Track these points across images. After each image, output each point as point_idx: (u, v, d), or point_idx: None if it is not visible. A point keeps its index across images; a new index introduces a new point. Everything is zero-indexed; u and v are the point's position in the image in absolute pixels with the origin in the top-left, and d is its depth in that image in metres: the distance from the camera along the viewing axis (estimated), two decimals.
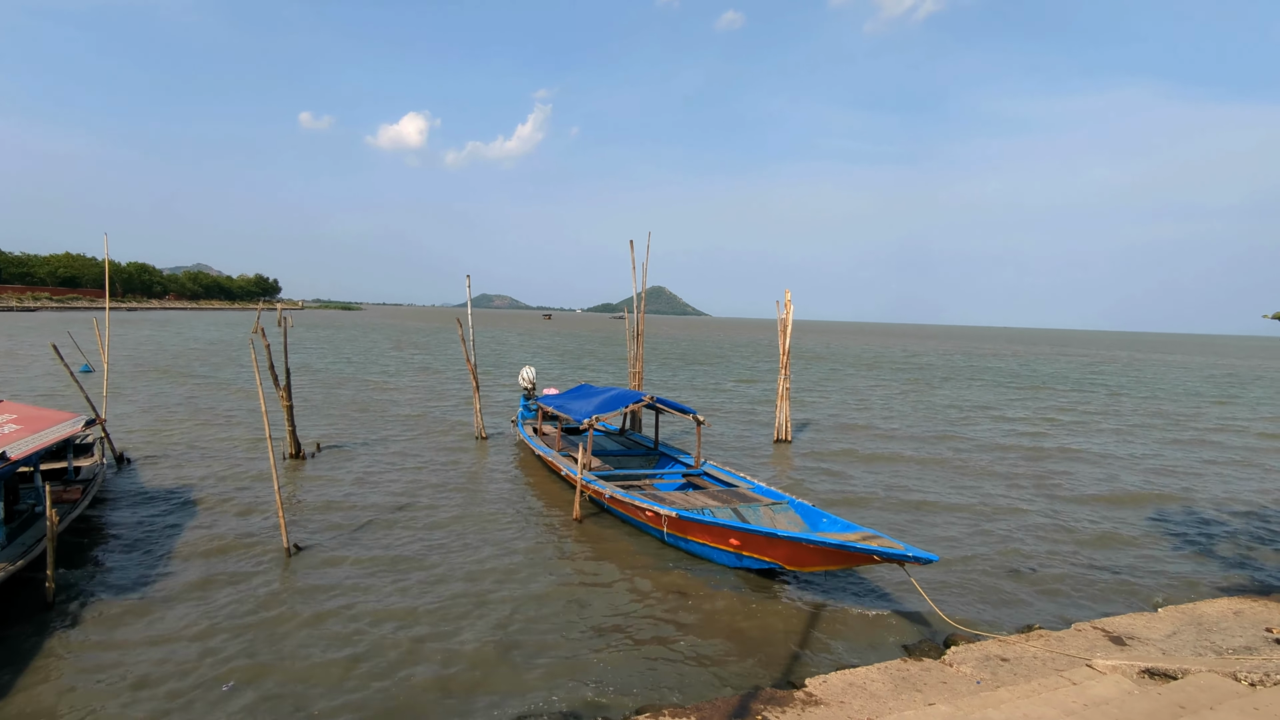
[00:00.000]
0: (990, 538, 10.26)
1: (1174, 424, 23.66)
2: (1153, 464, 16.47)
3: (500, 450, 15.51)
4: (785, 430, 17.48)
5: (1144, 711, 4.25)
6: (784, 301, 17.49)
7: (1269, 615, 7.07)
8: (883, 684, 5.22)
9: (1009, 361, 58.98)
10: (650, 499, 9.77)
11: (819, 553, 7.52)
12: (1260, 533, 11.09)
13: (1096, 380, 41.73)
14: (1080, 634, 6.43)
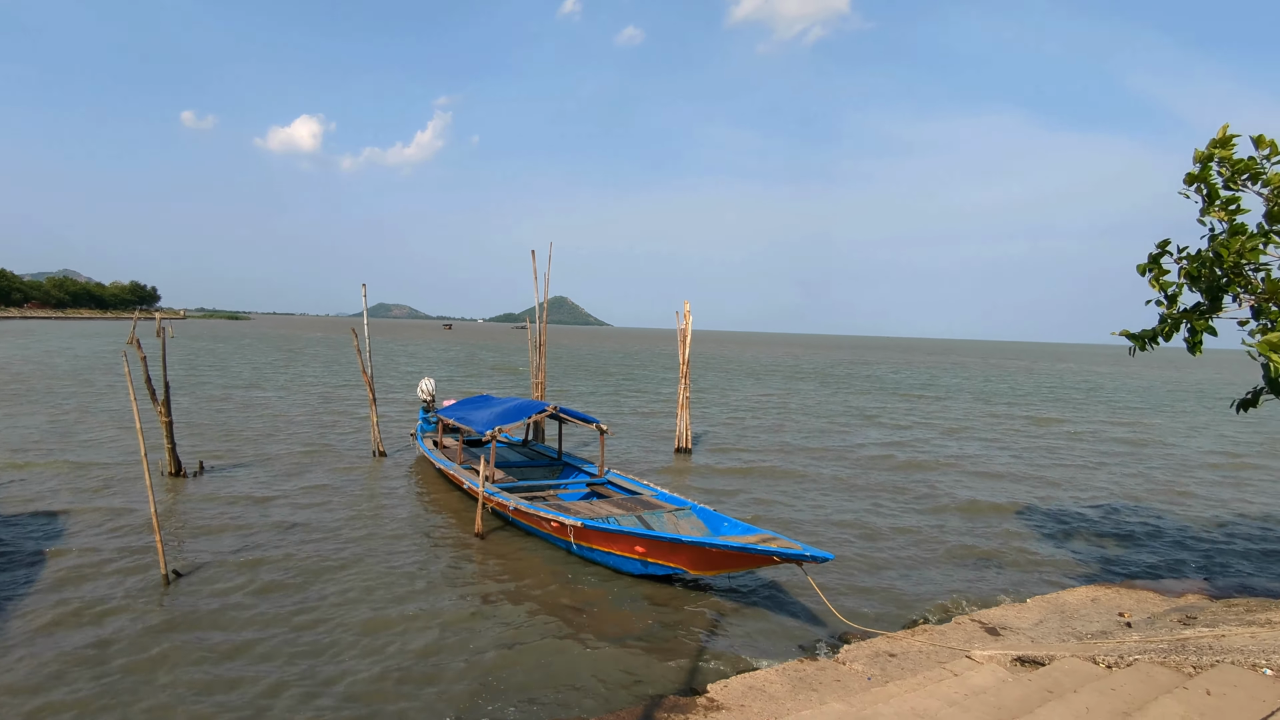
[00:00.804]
0: (878, 537, 10.71)
1: (1036, 426, 25.44)
2: (1019, 465, 17.64)
3: (398, 465, 15.01)
4: (686, 438, 17.72)
5: (1017, 697, 4.52)
6: (683, 312, 17.76)
7: (1120, 601, 7.69)
8: (781, 685, 5.35)
9: (886, 370, 61.93)
10: (555, 509, 9.69)
11: (722, 556, 7.66)
12: (1110, 525, 12.06)
13: (967, 386, 44.40)
14: (960, 627, 6.80)
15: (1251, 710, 3.94)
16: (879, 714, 4.41)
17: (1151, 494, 14.82)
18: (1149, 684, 4.48)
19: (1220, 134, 7.26)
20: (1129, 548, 10.75)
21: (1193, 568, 9.86)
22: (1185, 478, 16.75)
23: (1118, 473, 17.14)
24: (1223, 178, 7.30)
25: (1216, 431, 26.01)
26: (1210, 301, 7.27)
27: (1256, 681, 4.29)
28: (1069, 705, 4.19)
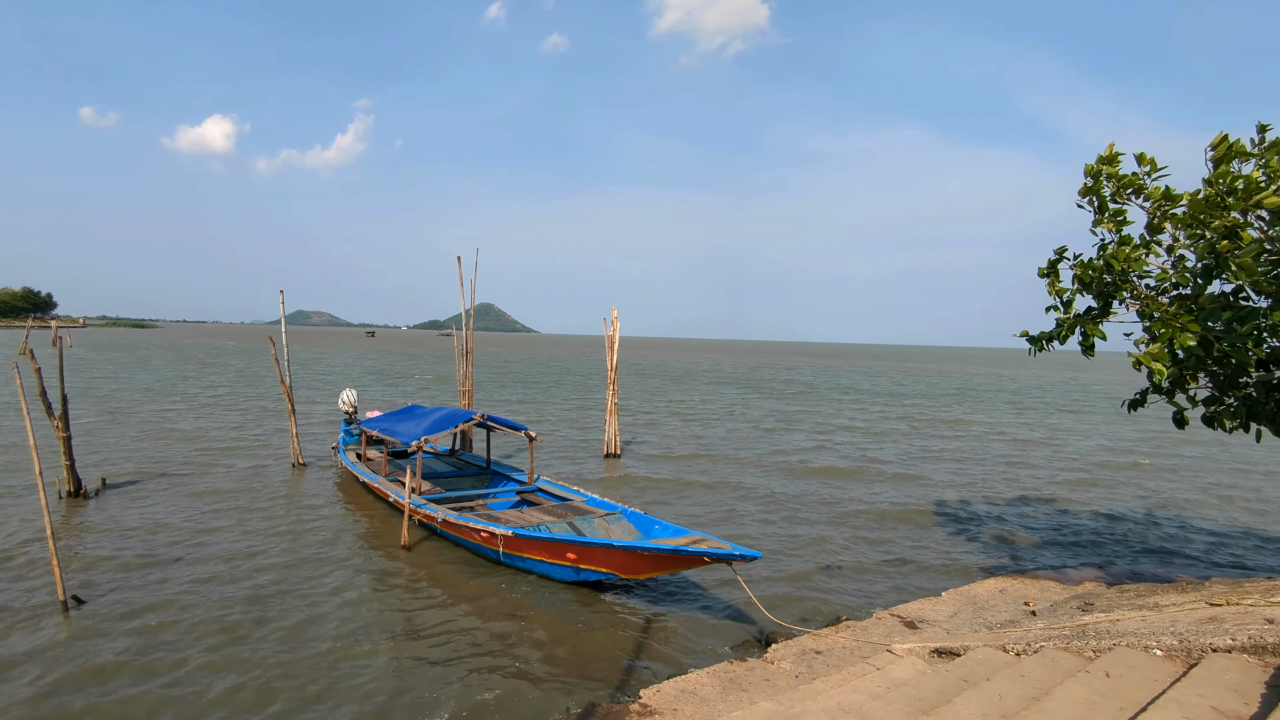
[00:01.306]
0: (803, 537, 10.96)
1: (946, 427, 26.53)
2: (930, 465, 18.36)
3: (319, 478, 14.48)
4: (614, 443, 17.74)
5: (935, 688, 4.70)
6: (611, 318, 17.80)
7: (1026, 591, 8.09)
8: (712, 687, 5.41)
9: (808, 374, 63.53)
10: (484, 519, 9.55)
11: (653, 559, 7.70)
12: (1015, 520, 12.68)
13: (883, 389, 45.96)
14: (881, 622, 7.02)
15: (1145, 689, 4.20)
16: (807, 711, 4.50)
17: (1052, 489, 15.65)
18: (1054, 669, 4.73)
19: (1108, 151, 7.75)
20: (1032, 540, 11.32)
21: (1089, 556, 10.45)
22: (1082, 473, 17.76)
23: (1021, 470, 18.04)
24: (1111, 191, 7.80)
25: (1109, 430, 27.68)
26: (1101, 306, 7.75)
27: (1149, 662, 4.58)
28: (983, 693, 4.38)
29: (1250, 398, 6.88)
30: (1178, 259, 7.55)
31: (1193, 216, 6.55)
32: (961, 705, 4.22)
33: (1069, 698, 4.14)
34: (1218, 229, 6.49)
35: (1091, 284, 7.72)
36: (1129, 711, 3.89)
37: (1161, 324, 6.72)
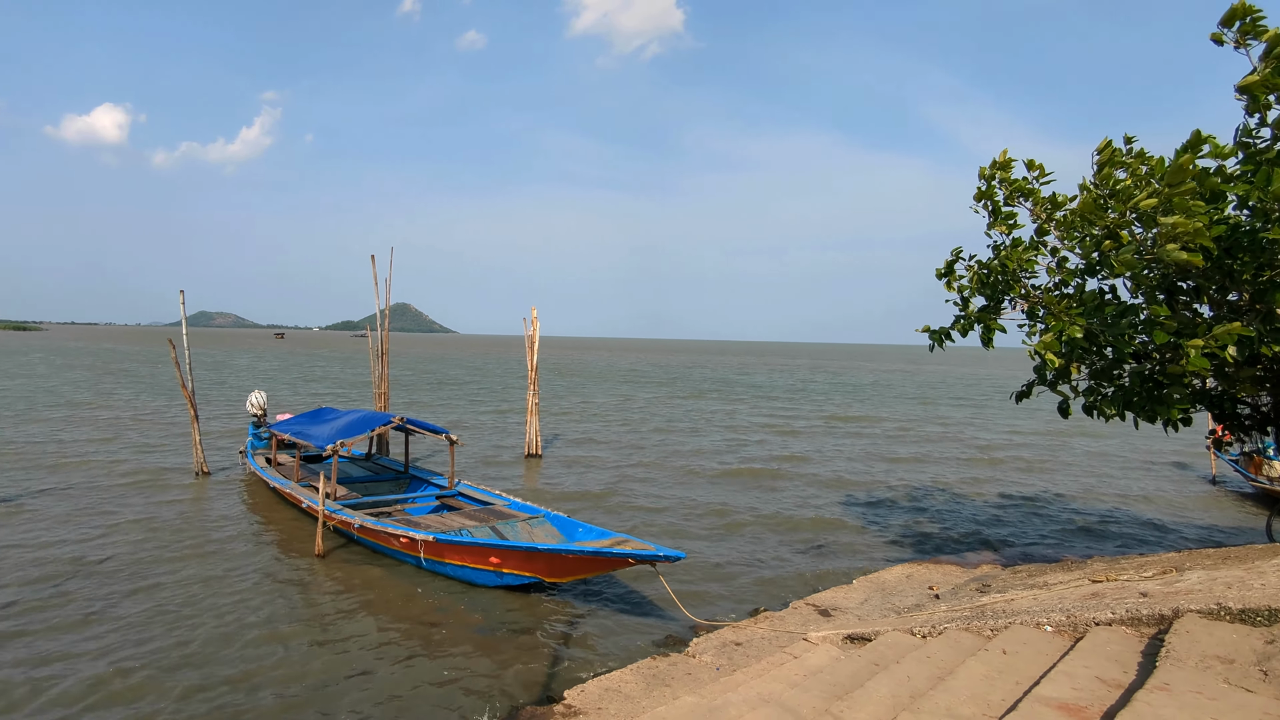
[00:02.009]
0: (722, 532, 11.15)
1: (856, 422, 27.49)
2: (841, 458, 18.99)
3: (226, 486, 13.78)
4: (536, 444, 17.59)
5: (849, 673, 4.86)
6: (531, 318, 17.64)
7: (930, 575, 8.47)
8: (636, 685, 5.44)
9: (728, 372, 64.65)
10: (404, 525, 9.30)
11: (577, 562, 7.67)
12: (920, 508, 13.26)
13: (797, 385, 47.25)
14: (796, 611, 7.22)
15: (1038, 664, 4.47)
16: (728, 703, 4.58)
17: (953, 479, 16.45)
18: (957, 649, 4.97)
19: (1001, 157, 8.19)
20: (936, 527, 11.86)
21: (986, 541, 11.04)
22: (980, 463, 18.74)
23: (925, 461, 18.88)
24: (1003, 196, 8.25)
25: (1001, 422, 29.26)
26: (994, 303, 8.20)
27: (1041, 638, 4.87)
28: (893, 675, 4.56)
29: (1124, 387, 7.41)
30: (1061, 260, 8.06)
31: (1082, 217, 6.99)
32: (873, 688, 4.38)
33: (970, 675, 4.36)
34: (1101, 229, 6.95)
35: (986, 283, 8.15)
36: (1024, 685, 4.12)
37: (1053, 317, 7.16)
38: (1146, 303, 6.90)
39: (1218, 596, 4.71)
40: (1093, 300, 7.30)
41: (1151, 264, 6.53)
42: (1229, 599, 4.60)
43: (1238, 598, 4.61)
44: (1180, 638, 4.19)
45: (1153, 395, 7.07)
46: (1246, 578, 5.24)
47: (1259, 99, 6.37)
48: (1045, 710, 3.62)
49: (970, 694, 4.09)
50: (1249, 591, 4.77)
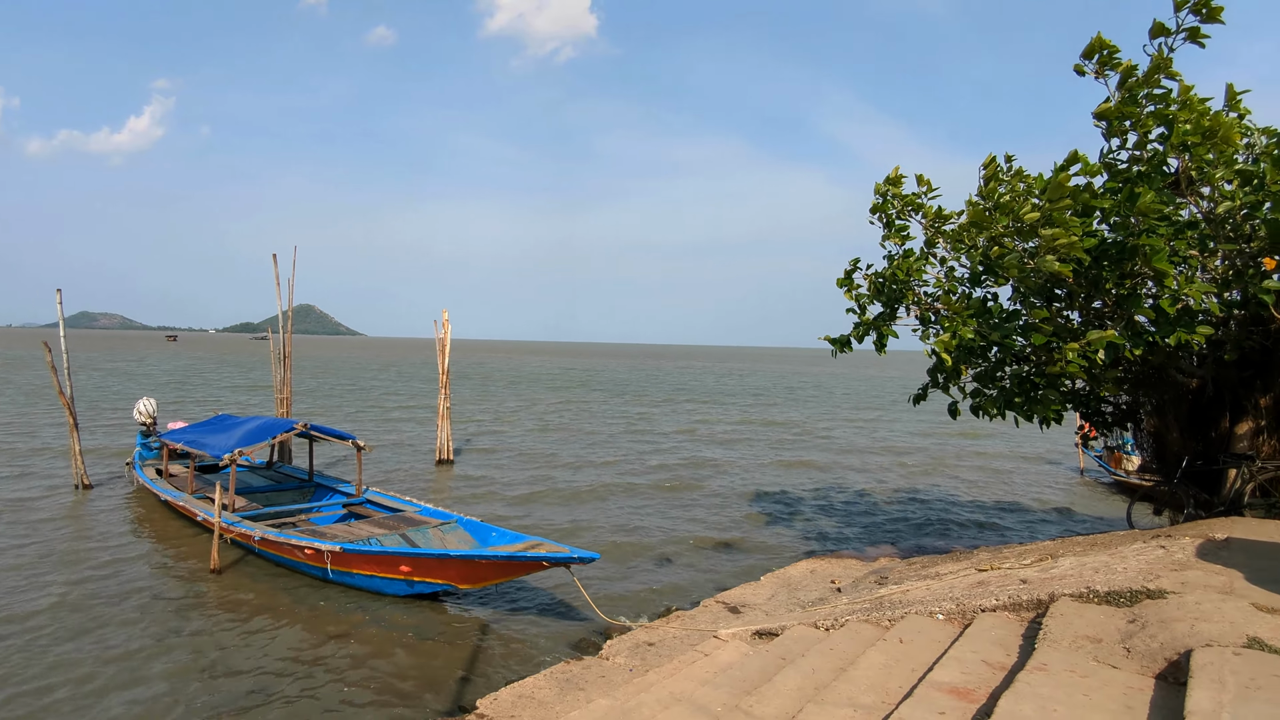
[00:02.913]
0: (635, 534, 11.19)
1: (766, 425, 28.19)
2: (749, 459, 19.43)
3: (111, 501, 12.76)
4: (447, 450, 17.19)
5: (758, 668, 4.96)
6: (442, 321, 17.23)
7: (832, 570, 8.77)
8: (549, 690, 5.38)
9: (642, 375, 65.08)
10: (308, 535, 8.90)
11: (491, 567, 7.53)
12: (823, 506, 13.72)
13: (710, 388, 48.05)
14: (708, 609, 7.32)
15: (932, 651, 4.69)
16: (641, 703, 4.60)
17: (853, 476, 17.10)
18: (858, 640, 5.15)
19: (893, 173, 8.59)
20: (838, 523, 12.30)
21: (883, 535, 11.52)
22: (878, 461, 19.54)
23: (828, 459, 19.54)
24: (896, 210, 8.65)
25: (901, 422, 30.62)
26: (890, 310, 8.58)
27: (933, 626, 5.11)
28: (799, 669, 4.69)
29: (1005, 389, 7.89)
30: (948, 269, 8.52)
31: (974, 225, 7.40)
32: (781, 682, 4.49)
33: (870, 665, 4.53)
34: (988, 238, 7.39)
35: (882, 291, 8.53)
36: (919, 672, 4.32)
37: (947, 319, 7.54)
38: (1026, 308, 7.38)
39: (1087, 581, 5.07)
40: (978, 306, 7.75)
41: (1032, 272, 6.99)
42: (1096, 583, 4.96)
43: (1104, 581, 4.98)
44: (1055, 620, 4.48)
45: (1030, 396, 7.56)
46: (1111, 562, 5.67)
47: (1114, 124, 6.93)
48: (938, 695, 3.80)
49: (870, 683, 4.25)
50: (1113, 575, 5.16)
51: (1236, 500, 7.17)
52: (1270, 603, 4.35)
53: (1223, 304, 6.74)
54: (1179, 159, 6.59)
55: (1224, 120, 6.33)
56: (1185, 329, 6.16)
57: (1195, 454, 7.74)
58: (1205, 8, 6.22)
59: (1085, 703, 3.45)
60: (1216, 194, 6.67)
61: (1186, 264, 6.57)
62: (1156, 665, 3.81)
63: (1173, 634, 3.96)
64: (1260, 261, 6.36)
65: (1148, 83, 6.60)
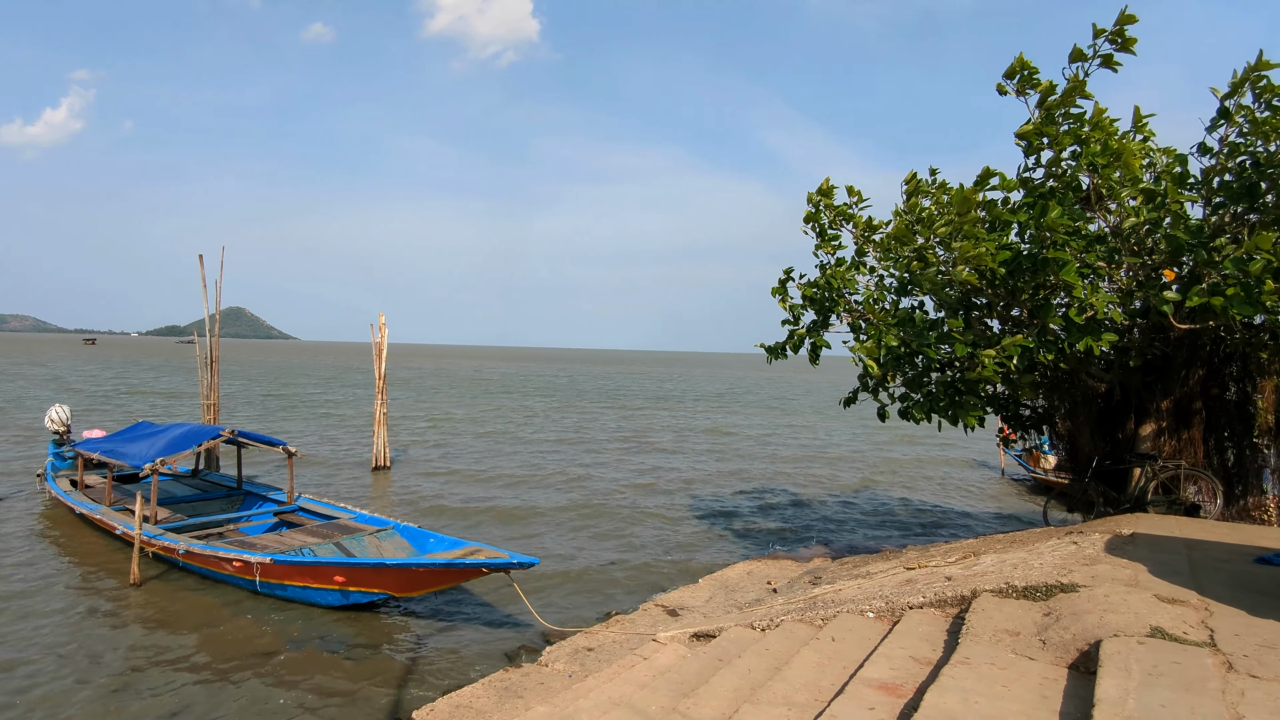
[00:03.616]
0: (575, 538, 11.14)
1: (705, 429, 28.44)
2: (690, 462, 19.58)
3: (19, 515, 11.92)
4: (384, 456, 16.77)
5: (695, 670, 5.00)
6: (378, 325, 16.83)
7: (768, 571, 8.90)
8: (488, 698, 5.30)
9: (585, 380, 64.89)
10: (236, 546, 8.55)
11: (429, 574, 7.37)
12: (760, 508, 13.93)
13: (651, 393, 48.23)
14: (647, 613, 7.33)
15: (863, 648, 4.80)
16: (579, 709, 4.57)
17: (788, 479, 17.41)
18: (792, 639, 5.24)
19: (824, 185, 8.80)
20: (774, 525, 12.49)
21: (818, 536, 11.76)
22: (812, 463, 19.94)
23: (763, 462, 19.84)
24: (828, 220, 8.86)
25: (833, 426, 31.33)
26: (822, 319, 8.79)
27: (864, 624, 5.24)
28: (735, 670, 4.73)
29: (930, 394, 8.17)
30: (878, 279, 8.77)
31: (897, 239, 7.65)
32: (717, 683, 4.53)
33: (804, 663, 4.61)
34: (911, 251, 7.64)
35: (815, 300, 8.73)
36: (850, 669, 4.41)
37: (872, 327, 7.77)
38: (947, 318, 7.67)
39: (1006, 577, 5.28)
40: (904, 315, 8.01)
41: (949, 284, 7.28)
42: (1015, 578, 5.17)
43: (1022, 577, 5.19)
44: (977, 615, 4.65)
45: (954, 400, 7.85)
46: (1029, 559, 5.92)
47: (1033, 143, 7.28)
48: (868, 691, 3.90)
49: (804, 682, 4.33)
50: (1030, 571, 5.39)
51: (1141, 497, 7.59)
52: (1171, 594, 4.61)
53: (1127, 313, 7.13)
54: (1090, 177, 6.96)
55: (1127, 144, 6.72)
56: (1092, 337, 6.50)
57: (1104, 454, 8.16)
58: (1120, 37, 6.61)
59: (1004, 694, 3.59)
60: (1123, 210, 7.07)
61: (1095, 275, 6.94)
62: (1069, 656, 3.99)
63: (1084, 626, 4.16)
64: (1161, 274, 6.76)
65: (1065, 103, 6.95)
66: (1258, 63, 6.32)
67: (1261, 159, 6.56)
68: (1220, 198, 6.90)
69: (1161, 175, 7.24)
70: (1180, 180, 7.07)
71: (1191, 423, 7.73)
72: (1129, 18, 6.44)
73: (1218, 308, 5.99)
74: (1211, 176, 7.01)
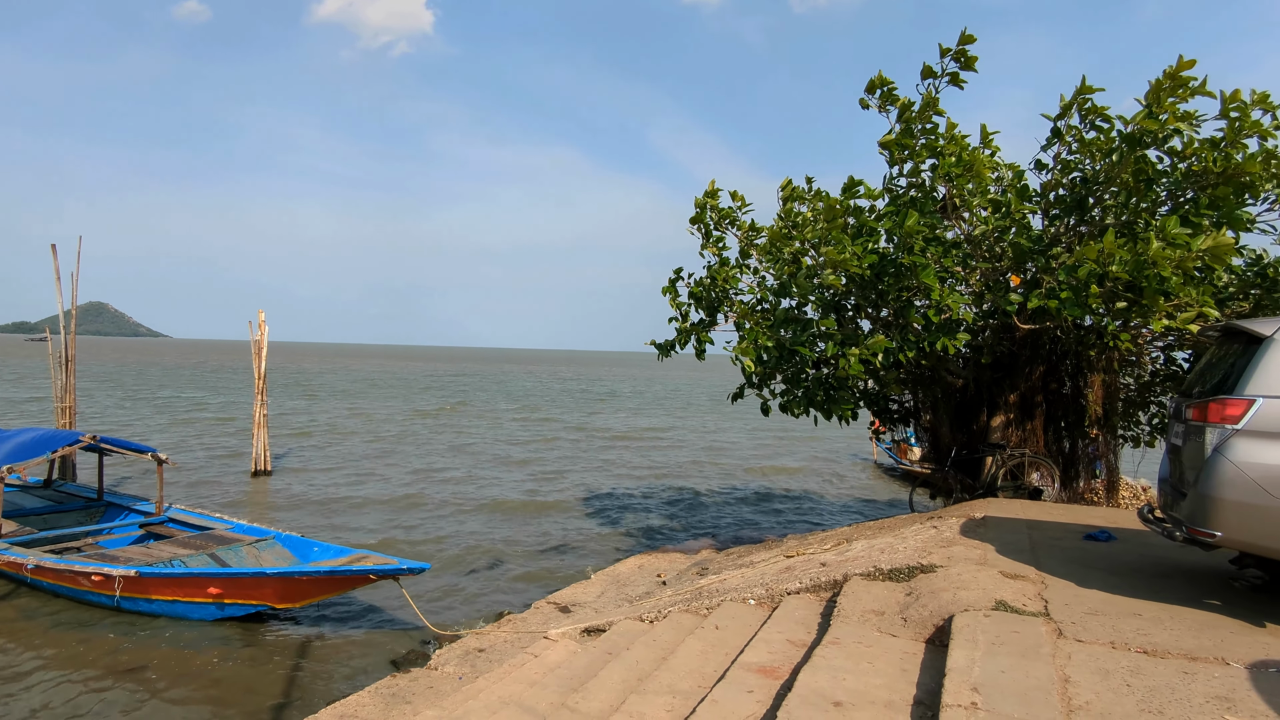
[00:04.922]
0: (468, 542, 10.91)
1: (599, 431, 28.51)
2: (577, 462, 19.59)
3: None
4: (264, 460, 15.82)
5: (584, 665, 5.01)
6: (258, 322, 15.86)
7: (658, 564, 9.04)
8: (374, 707, 5.11)
9: (475, 380, 63.65)
10: (96, 560, 7.85)
11: (313, 583, 7.03)
12: (650, 503, 14.13)
13: (539, 392, 47.85)
14: (539, 611, 7.28)
15: (744, 635, 4.96)
16: (469, 711, 4.49)
17: (680, 475, 17.73)
18: (679, 629, 5.35)
19: (710, 187, 9.02)
20: (665, 520, 12.70)
21: (706, 529, 12.05)
22: (700, 459, 20.39)
23: (656, 460, 20.12)
24: (713, 222, 9.09)
25: (720, 422, 32.13)
26: (709, 317, 9.02)
27: (746, 611, 5.42)
28: (624, 662, 4.79)
29: (808, 389, 8.54)
30: (760, 280, 9.08)
31: (771, 244, 7.95)
32: (606, 676, 4.56)
33: (690, 652, 4.72)
34: (788, 255, 7.95)
35: (702, 299, 8.94)
36: (732, 655, 4.55)
37: (749, 330, 8.04)
38: (820, 318, 8.04)
39: (874, 561, 5.59)
40: (783, 315, 8.34)
41: (817, 289, 7.65)
42: (881, 562, 5.48)
43: (887, 560, 5.51)
44: (848, 598, 4.90)
45: (829, 396, 8.24)
46: (895, 543, 6.29)
47: (894, 154, 7.74)
48: (747, 675, 4.04)
49: (689, 669, 4.43)
50: (895, 554, 5.73)
51: (993, 483, 8.22)
52: (1014, 570, 5.03)
53: (979, 314, 7.71)
54: (946, 187, 7.47)
55: (978, 157, 7.26)
56: (948, 336, 6.98)
57: (962, 445, 8.79)
58: (963, 57, 7.13)
59: (869, 670, 3.81)
60: (974, 219, 7.63)
61: (953, 279, 7.46)
62: (926, 631, 4.28)
63: (940, 603, 4.47)
64: (1007, 278, 7.35)
65: (921, 117, 7.43)
66: (1082, 86, 6.97)
67: (1089, 175, 7.25)
68: (1056, 210, 7.58)
69: (1007, 188, 7.87)
70: (1023, 193, 7.71)
71: (1034, 414, 8.45)
72: (969, 37, 6.98)
73: (1054, 310, 6.57)
74: (1048, 191, 7.68)
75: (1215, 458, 4.12)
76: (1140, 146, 6.46)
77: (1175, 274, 6.00)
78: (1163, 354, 8.64)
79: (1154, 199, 6.90)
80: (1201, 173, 6.35)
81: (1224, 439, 4.11)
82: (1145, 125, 6.35)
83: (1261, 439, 4.00)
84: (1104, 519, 7.00)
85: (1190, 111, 6.43)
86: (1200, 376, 4.95)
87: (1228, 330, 4.89)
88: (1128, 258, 6.06)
